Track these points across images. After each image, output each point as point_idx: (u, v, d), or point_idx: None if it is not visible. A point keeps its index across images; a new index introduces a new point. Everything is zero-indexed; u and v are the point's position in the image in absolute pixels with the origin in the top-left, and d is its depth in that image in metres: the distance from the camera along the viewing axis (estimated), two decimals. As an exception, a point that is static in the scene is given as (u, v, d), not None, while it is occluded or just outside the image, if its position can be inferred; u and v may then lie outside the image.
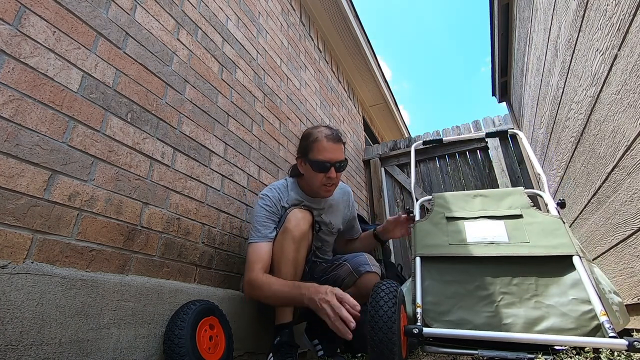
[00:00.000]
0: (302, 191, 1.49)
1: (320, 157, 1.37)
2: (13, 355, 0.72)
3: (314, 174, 1.40)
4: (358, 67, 4.04)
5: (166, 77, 1.35)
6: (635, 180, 1.06)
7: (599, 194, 1.41)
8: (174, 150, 1.32)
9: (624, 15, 0.97)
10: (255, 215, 1.38)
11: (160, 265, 1.17)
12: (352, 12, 3.54)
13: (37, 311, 0.78)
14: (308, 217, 1.32)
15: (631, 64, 0.97)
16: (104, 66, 1.10)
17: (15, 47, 0.87)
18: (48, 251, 0.86)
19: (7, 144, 0.82)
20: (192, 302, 1.15)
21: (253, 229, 1.36)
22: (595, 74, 1.24)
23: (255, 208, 1.40)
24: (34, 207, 0.85)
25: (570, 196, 1.82)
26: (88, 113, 1.02)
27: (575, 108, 1.53)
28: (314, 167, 1.38)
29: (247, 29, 2.05)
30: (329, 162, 1.36)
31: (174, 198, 1.28)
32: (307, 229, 1.30)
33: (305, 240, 1.30)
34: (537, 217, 1.18)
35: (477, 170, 3.52)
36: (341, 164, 1.39)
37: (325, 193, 1.44)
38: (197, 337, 1.07)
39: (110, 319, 0.94)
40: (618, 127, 1.12)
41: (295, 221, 1.28)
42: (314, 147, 1.39)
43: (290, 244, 1.26)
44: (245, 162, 1.77)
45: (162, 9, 1.40)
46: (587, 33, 1.26)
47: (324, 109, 3.09)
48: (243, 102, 1.85)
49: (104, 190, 1.03)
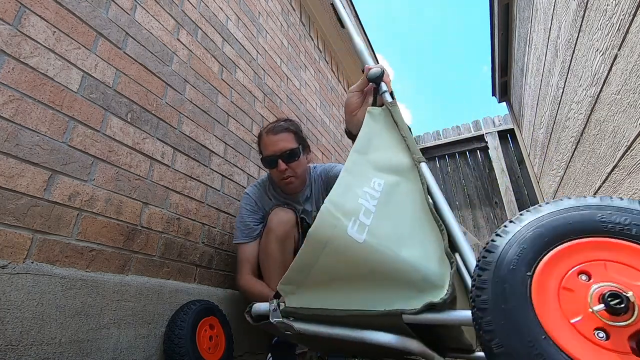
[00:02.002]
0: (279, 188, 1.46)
1: (265, 153, 1.37)
2: (13, 355, 0.72)
3: (270, 171, 1.41)
4: (358, 67, 4.03)
5: (166, 77, 1.35)
6: (636, 181, 1.06)
7: (599, 194, 1.41)
8: (174, 150, 1.32)
9: (624, 15, 0.97)
10: (239, 214, 1.40)
11: (160, 265, 1.17)
12: (352, 12, 3.54)
13: (37, 311, 0.78)
14: (291, 215, 1.31)
15: (631, 64, 0.97)
16: (104, 66, 1.10)
17: (15, 47, 0.87)
18: (48, 251, 0.86)
19: (7, 144, 0.82)
20: (192, 302, 1.15)
21: (237, 228, 1.37)
22: (595, 74, 1.24)
23: (240, 209, 1.41)
24: (34, 207, 0.85)
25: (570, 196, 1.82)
26: (88, 113, 1.02)
27: (575, 108, 1.53)
28: (265, 164, 1.40)
29: (247, 29, 2.05)
30: (273, 156, 1.34)
31: (174, 198, 1.28)
32: (290, 228, 1.29)
33: (289, 239, 1.29)
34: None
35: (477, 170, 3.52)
36: (287, 153, 1.33)
37: (287, 187, 1.39)
38: (197, 337, 1.07)
39: (110, 319, 0.94)
40: (618, 127, 1.12)
41: (277, 220, 1.28)
42: (260, 146, 1.40)
43: (274, 244, 1.26)
44: (245, 162, 1.77)
45: (162, 9, 1.40)
46: (587, 33, 1.26)
47: (324, 109, 3.09)
48: (243, 102, 1.85)
49: (104, 190, 1.03)
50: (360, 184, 0.84)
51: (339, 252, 0.73)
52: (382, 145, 0.96)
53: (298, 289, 0.80)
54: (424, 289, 0.67)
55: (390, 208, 0.81)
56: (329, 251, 0.74)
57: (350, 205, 0.78)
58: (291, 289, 0.81)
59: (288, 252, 1.29)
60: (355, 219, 0.75)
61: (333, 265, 0.75)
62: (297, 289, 0.80)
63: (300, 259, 0.77)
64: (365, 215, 0.77)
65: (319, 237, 0.74)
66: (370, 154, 0.94)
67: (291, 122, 1.43)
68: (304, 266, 0.77)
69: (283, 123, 1.40)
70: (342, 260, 0.74)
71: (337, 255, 0.74)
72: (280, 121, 1.41)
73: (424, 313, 0.63)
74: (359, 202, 0.79)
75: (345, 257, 0.73)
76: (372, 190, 0.84)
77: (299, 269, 0.78)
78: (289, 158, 1.34)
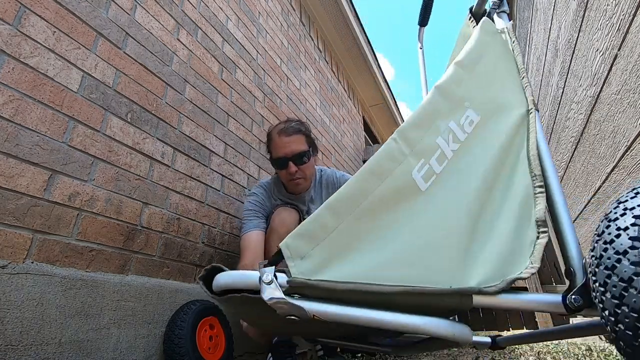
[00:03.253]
0: (284, 189, 1.47)
1: (276, 155, 1.35)
2: (13, 355, 0.72)
3: (279, 172, 1.39)
4: (358, 67, 4.03)
5: (166, 77, 1.35)
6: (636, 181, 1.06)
7: (599, 194, 1.41)
8: (174, 150, 1.32)
9: (624, 15, 0.97)
10: (243, 211, 1.40)
11: (160, 265, 1.17)
12: (352, 12, 3.53)
13: (37, 311, 0.78)
14: (294, 215, 1.31)
15: (631, 64, 0.97)
16: (104, 66, 1.10)
17: (15, 47, 0.87)
18: (48, 251, 0.86)
19: (7, 144, 0.82)
20: (192, 302, 1.15)
21: (242, 224, 1.36)
22: (595, 74, 1.24)
23: (244, 205, 1.41)
24: (34, 207, 0.85)
25: (570, 196, 1.82)
26: (88, 113, 1.02)
27: (575, 108, 1.53)
28: (274, 165, 1.38)
29: (247, 29, 2.05)
30: (284, 158, 1.32)
31: (174, 198, 1.28)
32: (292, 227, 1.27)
33: None
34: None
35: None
36: (298, 156, 1.32)
37: (294, 188, 1.39)
38: (197, 337, 1.07)
39: (110, 319, 0.94)
40: (618, 127, 1.12)
41: (280, 219, 1.28)
42: (271, 146, 1.38)
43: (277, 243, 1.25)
44: (245, 162, 1.77)
45: (162, 9, 1.40)
46: (587, 33, 1.26)
47: (324, 109, 3.09)
48: (243, 102, 1.85)
49: (104, 190, 1.03)
50: (448, 115, 0.66)
51: (396, 194, 0.56)
52: (490, 72, 0.76)
53: (316, 248, 0.54)
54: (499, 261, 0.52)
55: (470, 158, 0.64)
56: (384, 190, 0.55)
57: (425, 142, 0.62)
58: (303, 249, 0.54)
59: None
60: (425, 162, 0.60)
61: (383, 212, 0.55)
62: (314, 248, 0.54)
63: (339, 195, 0.55)
64: (437, 161, 0.61)
65: (376, 169, 0.57)
66: (475, 74, 0.73)
67: (302, 123, 1.42)
68: (341, 206, 0.55)
69: (294, 124, 1.38)
70: (396, 208, 0.56)
71: (393, 198, 0.56)
72: (291, 122, 1.39)
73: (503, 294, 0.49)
74: (436, 140, 0.62)
75: (402, 205, 0.56)
76: (458, 129, 0.65)
77: (334, 209, 0.55)
78: (299, 160, 1.33)
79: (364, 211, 0.55)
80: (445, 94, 0.68)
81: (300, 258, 0.53)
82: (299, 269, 0.52)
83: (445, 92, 0.68)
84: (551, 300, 0.49)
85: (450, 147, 0.63)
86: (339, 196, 0.56)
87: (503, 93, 0.74)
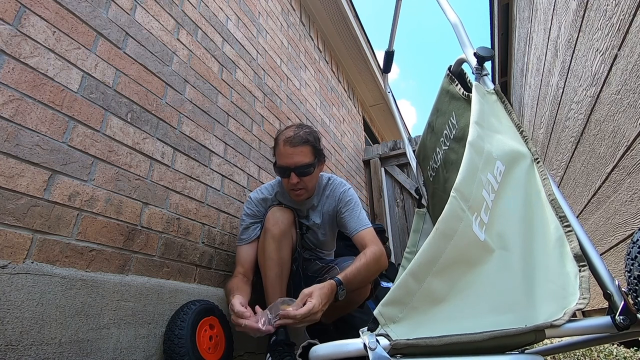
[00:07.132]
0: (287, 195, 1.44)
1: (279, 163, 1.32)
2: (13, 355, 0.72)
3: (282, 179, 1.38)
4: (358, 67, 4.03)
5: (166, 77, 1.35)
6: (636, 181, 1.06)
7: (599, 194, 1.41)
8: (174, 150, 1.32)
9: (624, 15, 0.97)
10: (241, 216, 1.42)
11: (160, 265, 1.17)
12: (352, 12, 3.53)
13: (37, 311, 0.78)
14: (288, 215, 1.31)
15: (631, 64, 0.97)
16: (104, 66, 1.10)
17: (15, 47, 0.87)
18: (48, 251, 0.86)
19: (7, 144, 0.82)
20: (192, 302, 1.15)
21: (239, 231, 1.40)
22: (595, 74, 1.24)
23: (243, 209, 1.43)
24: (34, 207, 0.85)
25: (570, 196, 1.82)
26: (88, 113, 1.02)
27: (575, 108, 1.53)
28: (277, 172, 1.35)
29: (247, 29, 2.05)
30: (286, 168, 1.29)
31: (174, 198, 1.28)
32: (286, 227, 1.28)
33: (286, 238, 1.28)
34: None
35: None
36: (301, 169, 1.28)
37: (295, 197, 1.36)
38: (197, 337, 1.07)
39: (110, 319, 0.94)
40: (618, 127, 1.12)
41: (274, 220, 1.28)
42: (276, 152, 1.35)
43: (271, 243, 1.25)
44: (245, 162, 1.77)
45: (162, 9, 1.40)
46: (587, 33, 1.26)
47: (324, 109, 3.09)
48: (243, 102, 1.85)
49: (104, 190, 1.03)
50: (485, 168, 0.72)
51: (464, 250, 0.61)
52: (495, 127, 0.83)
53: (405, 311, 0.60)
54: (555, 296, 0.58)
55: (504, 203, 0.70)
56: (453, 249, 0.60)
57: (475, 197, 0.67)
58: (395, 314, 0.60)
59: (285, 252, 1.28)
60: (477, 215, 0.64)
61: (454, 267, 0.61)
62: (402, 311, 0.60)
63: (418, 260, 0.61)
64: (485, 212, 0.66)
65: (447, 231, 0.61)
66: (491, 130, 0.81)
67: (311, 131, 1.36)
68: (420, 271, 0.60)
69: (302, 133, 1.31)
70: (464, 262, 0.61)
71: (462, 255, 0.61)
72: (300, 129, 1.33)
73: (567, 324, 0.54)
74: (482, 194, 0.68)
75: (470, 260, 0.61)
76: (493, 179, 0.71)
77: (415, 275, 0.60)
78: (302, 173, 1.30)
79: (439, 271, 0.61)
80: (477, 149, 0.74)
81: (393, 322, 0.60)
82: (396, 331, 0.59)
83: (477, 148, 0.74)
84: (603, 322, 0.56)
85: (490, 197, 0.70)
86: (418, 261, 0.61)
87: (513, 145, 0.81)
